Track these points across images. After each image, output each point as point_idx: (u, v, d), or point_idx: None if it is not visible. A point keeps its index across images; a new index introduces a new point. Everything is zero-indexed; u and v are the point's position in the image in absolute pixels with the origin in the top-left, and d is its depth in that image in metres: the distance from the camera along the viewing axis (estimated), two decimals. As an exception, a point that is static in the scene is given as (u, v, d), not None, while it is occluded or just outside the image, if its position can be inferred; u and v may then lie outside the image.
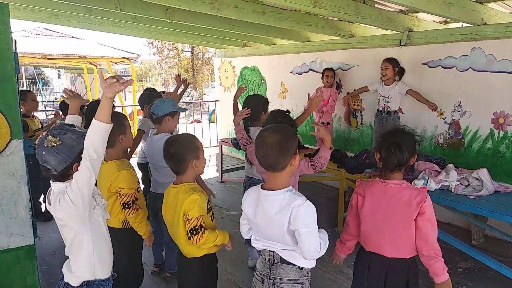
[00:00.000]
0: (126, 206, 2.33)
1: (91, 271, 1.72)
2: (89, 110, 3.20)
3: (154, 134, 2.94)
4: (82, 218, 1.65)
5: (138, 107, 6.11)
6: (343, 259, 2.25)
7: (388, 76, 4.40)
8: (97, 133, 1.54)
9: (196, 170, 2.07)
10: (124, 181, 2.31)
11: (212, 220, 2.10)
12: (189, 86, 4.25)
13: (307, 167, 2.41)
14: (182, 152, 2.02)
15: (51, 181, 1.68)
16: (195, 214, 1.94)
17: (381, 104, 4.53)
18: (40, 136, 1.64)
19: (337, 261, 2.27)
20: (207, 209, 2.04)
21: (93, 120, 1.54)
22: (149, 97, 3.76)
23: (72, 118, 2.27)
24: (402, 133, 1.99)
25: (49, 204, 1.68)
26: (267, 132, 1.70)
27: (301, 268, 1.77)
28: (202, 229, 1.95)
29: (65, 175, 1.63)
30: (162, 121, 2.87)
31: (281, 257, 1.76)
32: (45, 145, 1.57)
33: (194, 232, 1.94)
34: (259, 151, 1.70)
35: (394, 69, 4.37)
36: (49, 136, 1.59)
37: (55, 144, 1.58)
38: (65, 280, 1.73)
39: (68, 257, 1.76)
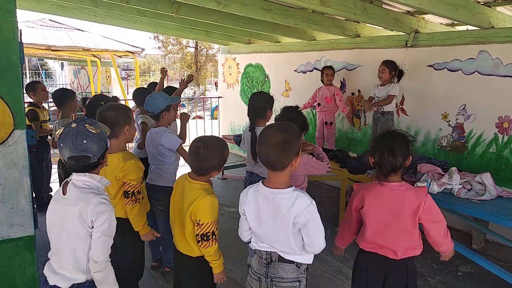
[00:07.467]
0: (126, 195, 2.30)
1: (83, 273, 1.66)
2: (90, 104, 3.25)
3: (154, 127, 3.01)
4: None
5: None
6: (343, 250, 2.28)
7: (384, 79, 4.42)
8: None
9: (213, 175, 2.03)
10: (131, 172, 2.28)
11: (217, 229, 2.01)
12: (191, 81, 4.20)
13: (315, 165, 2.56)
14: (214, 160, 1.96)
15: (73, 174, 1.67)
16: (208, 219, 1.89)
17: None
18: (65, 127, 1.61)
19: (338, 253, 2.29)
20: None
21: None
22: (143, 96, 3.65)
23: None
24: (394, 136, 1.94)
25: (63, 194, 1.66)
26: (271, 131, 1.68)
27: (298, 266, 1.77)
28: (214, 236, 1.91)
29: (98, 164, 1.68)
30: (159, 117, 2.93)
31: (279, 255, 1.75)
32: (90, 131, 1.60)
33: (205, 238, 1.90)
34: (261, 148, 1.68)
35: (390, 72, 4.37)
36: (87, 125, 1.62)
37: (95, 132, 1.62)
38: (52, 283, 1.66)
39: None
